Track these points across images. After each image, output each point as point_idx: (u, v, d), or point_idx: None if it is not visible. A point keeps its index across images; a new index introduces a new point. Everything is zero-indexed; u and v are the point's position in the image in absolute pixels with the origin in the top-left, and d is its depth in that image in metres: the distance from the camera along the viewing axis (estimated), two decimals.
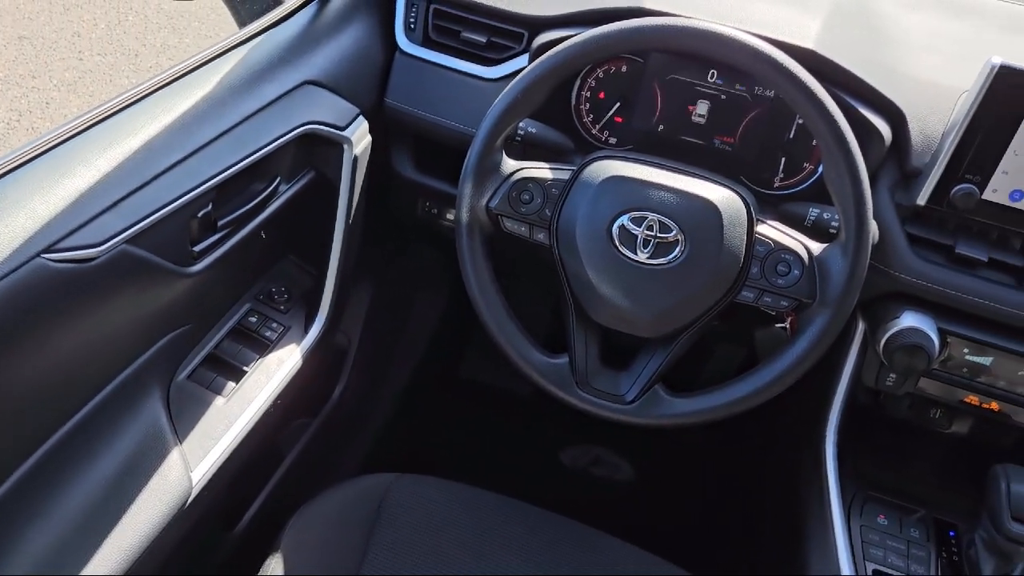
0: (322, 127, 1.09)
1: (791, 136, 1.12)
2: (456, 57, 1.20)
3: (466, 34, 1.18)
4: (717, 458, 1.80)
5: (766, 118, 1.12)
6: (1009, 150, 0.96)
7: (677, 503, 1.77)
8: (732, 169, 1.14)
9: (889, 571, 1.05)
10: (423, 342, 1.77)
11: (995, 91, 0.92)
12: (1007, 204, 0.99)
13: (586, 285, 0.97)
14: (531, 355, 1.01)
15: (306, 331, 1.21)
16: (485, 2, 1.17)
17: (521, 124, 1.07)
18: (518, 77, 0.95)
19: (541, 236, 1.00)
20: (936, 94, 1.05)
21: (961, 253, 1.01)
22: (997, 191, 0.98)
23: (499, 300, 1.01)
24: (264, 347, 1.16)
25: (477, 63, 1.19)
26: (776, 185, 1.15)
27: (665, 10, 1.03)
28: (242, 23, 1.12)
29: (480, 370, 1.92)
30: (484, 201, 0.99)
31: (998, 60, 0.92)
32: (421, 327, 1.78)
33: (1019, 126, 0.94)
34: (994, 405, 1.09)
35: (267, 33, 1.09)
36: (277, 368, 1.14)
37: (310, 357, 1.19)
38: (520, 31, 1.16)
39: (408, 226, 1.46)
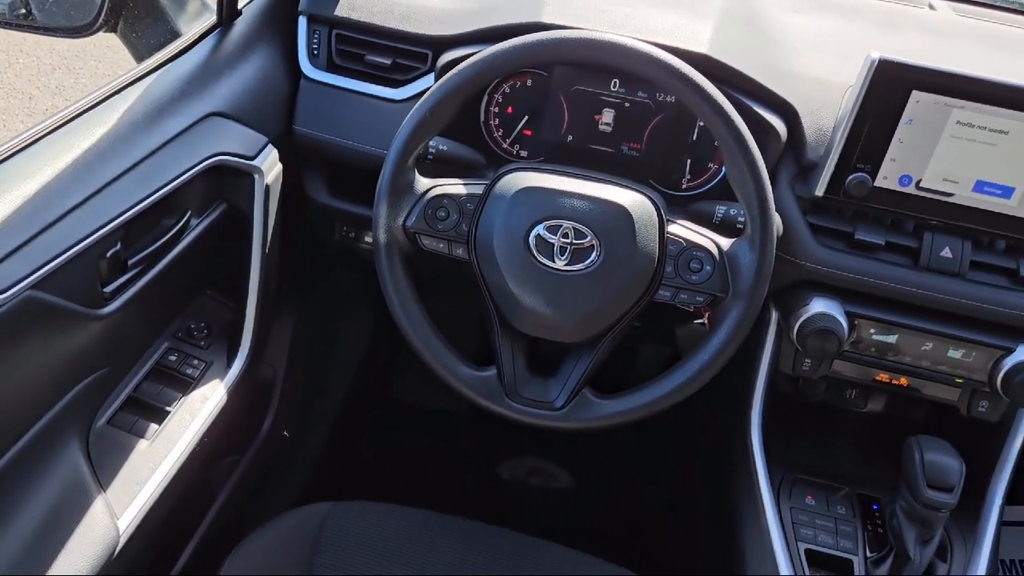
0: (230, 158, 1.08)
1: (694, 138, 1.17)
2: (362, 80, 1.20)
3: (371, 57, 1.19)
4: (650, 457, 1.83)
5: (669, 123, 1.16)
6: (894, 138, 1.01)
7: (616, 504, 1.79)
8: (641, 174, 1.18)
9: (820, 549, 1.09)
10: (352, 367, 1.76)
11: (876, 84, 0.98)
12: (897, 189, 1.04)
13: (508, 296, 0.98)
14: (459, 369, 1.02)
15: (229, 366, 1.18)
16: (387, 25, 1.18)
17: (432, 142, 1.08)
18: (425, 96, 0.96)
19: (460, 251, 1.01)
20: (825, 90, 1.10)
21: (860, 239, 1.06)
22: (887, 178, 1.04)
23: (423, 318, 1.02)
24: (186, 385, 1.13)
25: (384, 85, 1.19)
26: (684, 186, 1.19)
27: (563, 23, 1.06)
28: (140, 58, 1.10)
29: (413, 391, 1.92)
30: (400, 221, 1.00)
31: (877, 55, 0.98)
32: (349, 352, 1.76)
33: (901, 115, 1.00)
34: (903, 381, 1.15)
35: (167, 66, 1.07)
36: (201, 405, 1.12)
37: (235, 392, 1.17)
38: (424, 51, 1.18)
39: (327, 252, 1.45)
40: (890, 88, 0.99)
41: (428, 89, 0.98)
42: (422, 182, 1.01)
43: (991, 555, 1.09)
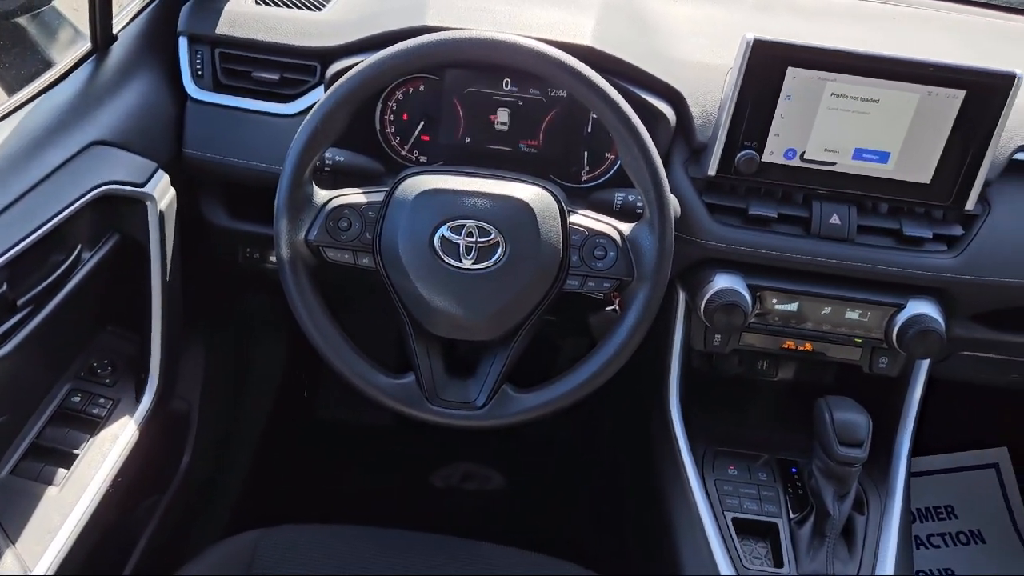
0: (118, 186, 1.04)
1: (589, 130, 1.19)
2: (251, 98, 1.18)
3: (257, 74, 1.17)
4: (581, 447, 1.85)
5: (564, 117, 1.18)
6: (776, 114, 1.06)
7: (551, 498, 1.81)
8: (541, 169, 1.19)
9: (746, 516, 1.12)
10: (271, 390, 1.72)
11: (754, 63, 1.02)
12: (784, 163, 1.09)
13: (418, 300, 0.98)
14: (376, 379, 1.01)
15: (138, 402, 1.14)
16: (272, 40, 1.16)
17: (328, 154, 1.07)
18: (315, 108, 0.96)
19: (366, 260, 1.00)
20: (707, 74, 1.14)
21: (754, 213, 1.10)
22: (773, 153, 1.08)
23: (335, 331, 1.01)
24: (94, 426, 1.09)
25: (273, 101, 1.17)
26: (584, 178, 1.21)
27: (448, 25, 1.06)
28: (11, 90, 1.05)
29: (336, 408, 1.89)
30: (302, 235, 0.98)
31: (752, 35, 1.02)
32: (267, 376, 1.73)
33: (780, 92, 1.04)
34: (808, 346, 1.20)
35: (42, 97, 1.03)
36: (111, 446, 1.07)
37: (147, 429, 1.13)
38: (312, 64, 1.16)
39: (233, 276, 1.42)
40: (767, 66, 1.03)
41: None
42: (321, 194, 1.00)
43: (903, 504, 1.15)
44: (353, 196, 1.00)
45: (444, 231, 0.96)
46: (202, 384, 1.44)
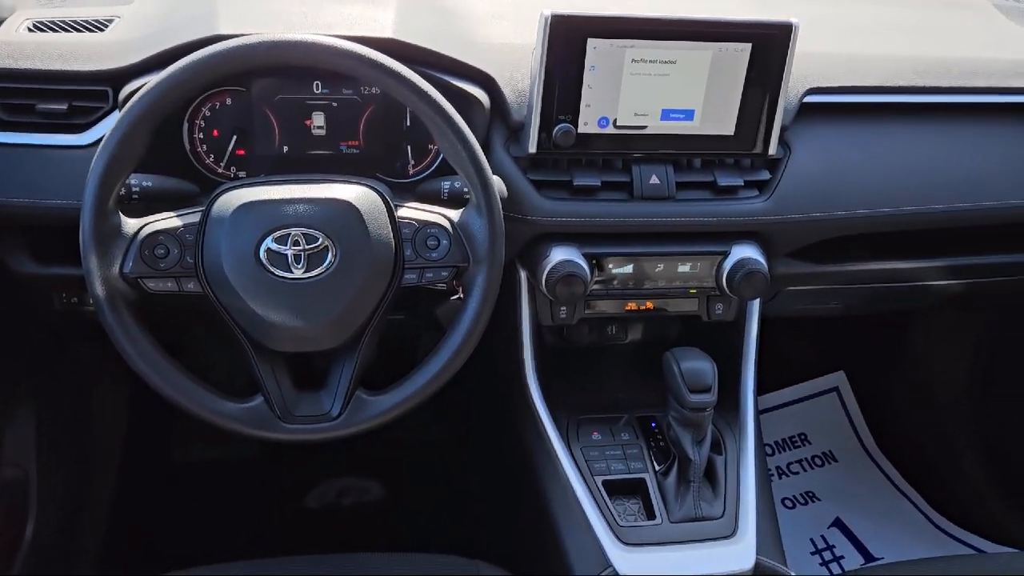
0: None
1: (409, 124, 1.18)
2: (39, 132, 1.09)
3: (42, 106, 1.08)
4: (453, 442, 1.85)
5: (381, 114, 1.17)
6: (584, 86, 1.08)
7: (430, 498, 1.80)
8: (367, 169, 1.17)
9: (614, 477, 1.15)
10: (119, 439, 1.61)
11: (554, 38, 1.04)
12: (599, 132, 1.12)
13: (253, 318, 0.95)
14: (221, 407, 0.97)
15: None
16: (54, 68, 1.08)
17: (134, 180, 1.01)
18: (109, 133, 0.90)
19: (191, 285, 0.96)
20: (514, 54, 1.16)
21: (579, 184, 1.13)
22: (588, 123, 1.11)
23: (169, 364, 0.95)
24: None
25: (65, 132, 1.09)
26: (411, 172, 1.20)
27: (241, 31, 1.02)
28: None
29: (195, 447, 1.80)
30: (116, 269, 0.93)
31: (548, 11, 1.04)
32: (112, 425, 1.62)
33: (584, 63, 1.07)
34: (649, 304, 1.25)
35: None
36: None
37: None
38: (102, 88, 1.09)
39: (53, 324, 1.31)
40: (568, 40, 1.05)
41: None
42: (131, 223, 0.94)
43: (756, 439, 1.21)
44: (167, 221, 0.95)
45: (269, 243, 0.93)
46: (36, 446, 1.34)
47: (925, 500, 1.93)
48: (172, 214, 0.96)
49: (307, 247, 0.94)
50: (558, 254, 1.13)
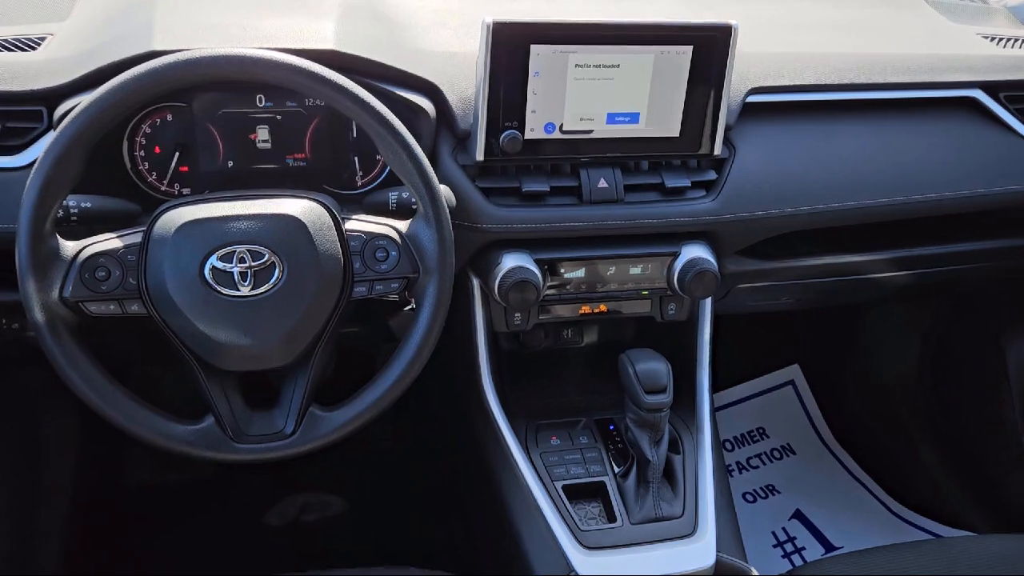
0: None
1: (355, 136, 1.17)
2: None
3: None
4: (413, 453, 1.84)
5: (327, 126, 1.16)
6: (529, 92, 1.09)
7: (393, 511, 1.78)
8: (314, 182, 1.16)
9: (574, 481, 1.15)
10: (70, 465, 1.57)
11: (497, 45, 1.04)
12: (546, 137, 1.12)
13: (201, 338, 0.93)
14: (171, 429, 0.95)
15: None
16: None
17: (72, 202, 0.99)
18: (42, 155, 0.88)
19: (135, 307, 0.93)
20: (460, 62, 1.15)
21: (528, 190, 1.13)
22: (534, 129, 1.11)
23: (115, 389, 0.93)
24: None
25: None
26: (360, 183, 1.19)
27: (177, 47, 1.00)
28: None
29: (149, 468, 1.76)
30: (55, 294, 0.90)
31: (490, 19, 1.04)
32: (62, 453, 1.58)
33: (528, 70, 1.07)
34: (603, 307, 1.25)
35: None
36: None
37: None
38: (36, 108, 1.06)
39: None
40: (511, 47, 1.05)
41: None
42: (69, 247, 0.92)
43: (713, 437, 1.22)
44: (107, 242, 0.93)
45: (213, 261, 0.91)
46: None
47: (882, 488, 1.97)
48: (112, 235, 0.94)
49: (253, 264, 0.92)
50: (510, 261, 1.13)
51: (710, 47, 1.10)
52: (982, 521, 1.80)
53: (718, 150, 1.17)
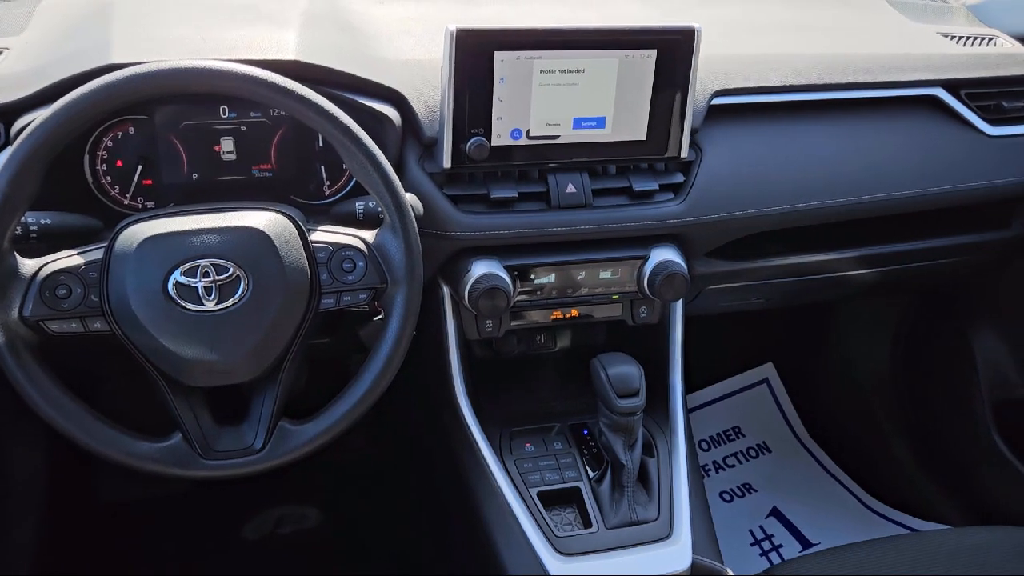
0: None
1: (321, 145, 1.16)
2: None
3: None
4: (390, 463, 1.83)
5: (293, 135, 1.15)
6: (494, 98, 1.08)
7: (371, 521, 1.77)
8: (281, 192, 1.15)
9: (549, 487, 1.15)
10: (40, 485, 1.55)
11: (461, 53, 1.04)
12: (513, 143, 1.12)
13: (166, 354, 0.92)
14: (137, 448, 0.93)
15: None
16: None
17: (31, 219, 0.97)
18: None
19: (98, 325, 0.92)
20: (424, 70, 1.15)
21: (496, 197, 1.12)
22: (500, 136, 1.11)
23: (78, 407, 0.92)
24: None
25: None
26: (328, 192, 1.19)
27: (137, 59, 0.99)
28: None
29: (121, 484, 1.73)
30: (15, 313, 0.89)
31: (454, 26, 1.03)
32: (30, 473, 1.55)
33: (493, 76, 1.07)
34: (574, 312, 1.25)
35: None
36: None
37: None
38: None
39: None
40: (475, 54, 1.05)
41: None
42: (28, 264, 0.90)
43: (687, 439, 1.23)
44: (68, 259, 0.92)
45: (177, 276, 0.90)
46: None
47: (857, 483, 1.98)
48: (73, 252, 0.93)
49: (218, 278, 0.91)
50: (479, 268, 1.13)
51: (674, 50, 1.11)
52: (956, 514, 1.82)
53: (685, 153, 1.17)
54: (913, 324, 1.91)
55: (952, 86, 1.37)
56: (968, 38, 1.48)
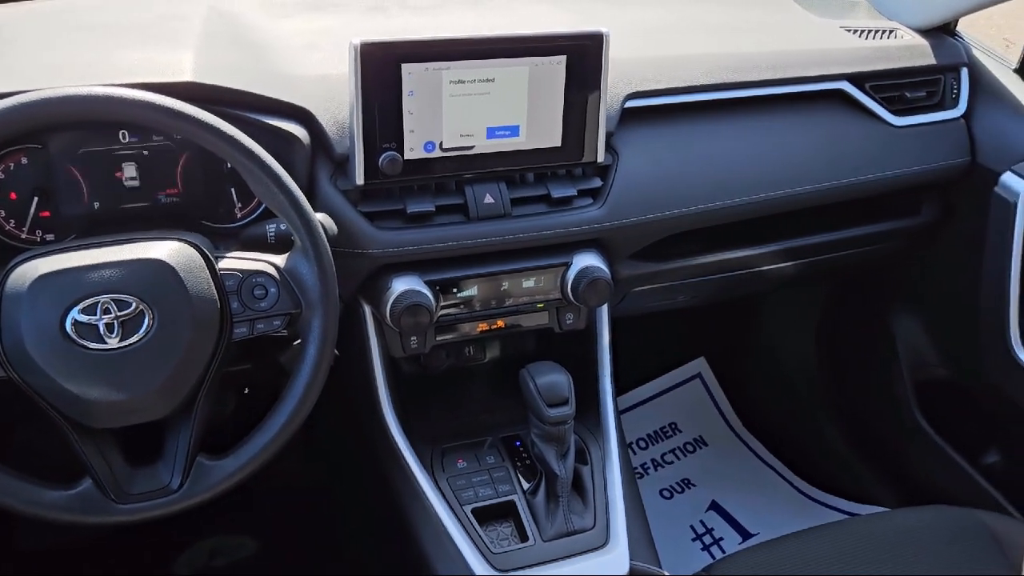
0: None
1: (229, 167, 1.12)
2: None
3: None
4: (322, 486, 1.79)
5: (200, 158, 1.11)
6: (404, 112, 1.06)
7: (306, 546, 1.73)
8: (190, 218, 1.11)
9: (483, 503, 1.13)
10: None
11: (367, 66, 1.01)
12: (427, 156, 1.10)
13: (69, 397, 0.87)
14: (44, 497, 0.89)
15: None
16: None
17: None
18: None
19: None
20: (332, 85, 1.12)
21: (412, 211, 1.10)
22: (414, 149, 1.09)
23: None
24: None
25: None
26: (239, 216, 1.15)
27: (20, 88, 0.93)
28: None
29: (41, 530, 1.65)
30: None
31: (358, 40, 1.01)
32: None
33: (402, 89, 1.04)
34: (500, 323, 1.24)
35: None
36: None
37: None
38: None
39: None
40: (381, 67, 1.03)
41: None
42: None
43: (619, 443, 1.22)
44: None
45: (75, 315, 0.86)
46: None
47: (793, 472, 2.02)
48: None
49: (120, 314, 0.87)
50: (400, 285, 1.10)
51: (584, 55, 1.10)
52: (889, 495, 1.87)
53: (601, 157, 1.17)
54: (835, 312, 1.95)
55: (857, 79, 1.40)
56: (870, 31, 1.52)
